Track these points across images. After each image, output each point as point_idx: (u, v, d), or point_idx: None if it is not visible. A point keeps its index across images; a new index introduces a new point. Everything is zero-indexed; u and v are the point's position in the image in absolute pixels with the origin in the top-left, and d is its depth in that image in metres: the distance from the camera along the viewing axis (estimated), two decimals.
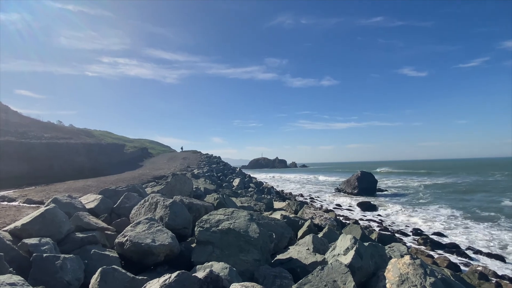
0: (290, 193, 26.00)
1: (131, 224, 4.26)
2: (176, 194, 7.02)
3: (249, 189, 16.80)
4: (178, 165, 24.47)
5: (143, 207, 5.29)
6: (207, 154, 41.76)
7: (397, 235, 11.52)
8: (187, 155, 39.32)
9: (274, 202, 11.77)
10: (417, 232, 11.90)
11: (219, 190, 11.61)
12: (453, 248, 9.86)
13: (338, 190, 26.61)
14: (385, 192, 25.92)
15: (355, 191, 24.73)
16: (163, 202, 5.06)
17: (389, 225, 13.38)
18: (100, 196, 6.11)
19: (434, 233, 11.70)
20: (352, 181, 25.69)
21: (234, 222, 4.42)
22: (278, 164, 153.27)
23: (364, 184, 24.93)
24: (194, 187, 8.79)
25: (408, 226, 13.11)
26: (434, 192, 24.73)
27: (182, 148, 56.98)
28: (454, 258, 9.02)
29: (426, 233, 11.91)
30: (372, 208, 17.70)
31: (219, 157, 39.70)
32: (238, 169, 30.75)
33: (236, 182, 17.95)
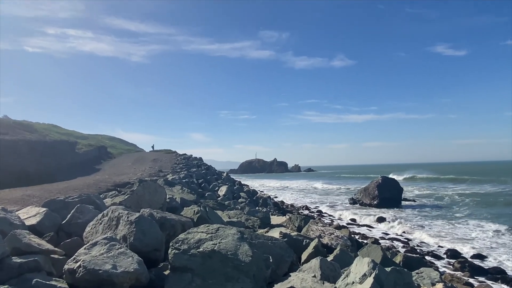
0: (292, 205, 26.40)
1: (85, 246, 4.25)
2: (144, 206, 7.01)
3: (240, 200, 16.86)
4: (147, 169, 24.33)
5: (100, 224, 5.28)
6: (185, 154, 41.91)
7: (427, 257, 11.70)
8: (158, 155, 39.17)
9: (272, 217, 11.96)
10: (452, 253, 12.13)
11: (201, 201, 11.63)
12: (498, 274, 10.02)
13: (353, 201, 27.09)
14: (413, 203, 26.54)
15: (375, 202, 25.17)
16: (127, 217, 5.05)
17: (418, 245, 13.61)
18: (44, 209, 6.04)
19: (474, 255, 11.92)
20: (371, 190, 26.11)
21: (219, 243, 4.46)
22: (277, 168, 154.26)
23: (386, 193, 25.37)
24: (167, 197, 8.66)
25: (442, 246, 13.36)
26: (474, 203, 25.34)
27: (152, 147, 56.79)
28: (498, 287, 9.18)
29: (464, 255, 12.12)
30: (397, 222, 18.15)
31: (201, 159, 39.89)
32: (225, 174, 31.07)
33: (222, 190, 17.86)
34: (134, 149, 55.00)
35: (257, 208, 14.77)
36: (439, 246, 13.44)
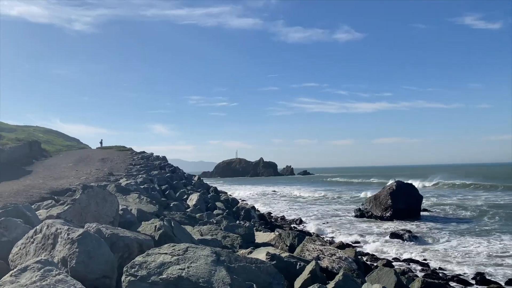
0: (283, 218, 26.58)
1: (12, 272, 4.15)
2: (89, 220, 7.03)
3: (215, 212, 16.88)
4: (94, 172, 24.21)
5: (32, 243, 5.21)
6: (144, 153, 41.81)
7: (451, 283, 11.82)
8: (109, 154, 39.04)
9: (257, 233, 12.13)
10: (482, 278, 12.26)
11: (164, 214, 11.74)
12: None
13: (360, 213, 27.28)
14: (434, 215, 26.97)
15: (387, 214, 25.43)
16: (68, 234, 4.98)
17: (440, 268, 13.80)
18: None
19: (510, 281, 12.06)
20: (382, 198, 26.31)
21: (188, 267, 4.44)
22: (264, 170, 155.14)
23: (402, 203, 25.68)
24: (120, 208, 8.71)
25: (470, 269, 13.54)
26: (507, 214, 25.80)
27: (101, 143, 56.26)
28: None
29: (497, 279, 12.22)
30: (415, 240, 18.45)
31: (165, 158, 40.02)
32: (196, 178, 31.12)
33: (192, 200, 18.00)
34: (76, 146, 54.21)
35: (237, 222, 14.77)
36: (466, 269, 13.64)
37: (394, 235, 19.24)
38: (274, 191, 55.68)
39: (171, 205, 15.23)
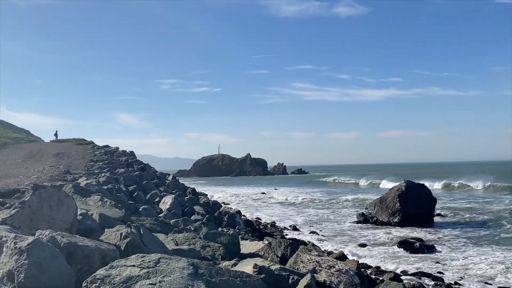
0: (273, 224, 26.77)
1: None
2: (42, 226, 6.95)
3: (193, 217, 16.91)
4: (47, 169, 24.02)
5: None
6: (108, 147, 41.70)
7: None
8: (65, 148, 38.88)
9: (242, 242, 12.21)
10: None
11: (132, 220, 11.75)
12: None
13: (364, 218, 27.50)
14: (449, 220, 27.24)
15: (395, 219, 25.68)
16: (15, 243, 4.94)
17: (456, 283, 13.88)
18: None
19: None
20: (389, 201, 26.48)
21: (161, 282, 4.44)
22: (251, 169, 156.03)
23: (412, 207, 25.86)
24: (79, 213, 8.75)
25: (490, 283, 13.66)
26: None
27: (56, 135, 55.73)
28: None
29: None
30: (427, 250, 18.54)
31: (133, 154, 39.58)
32: (170, 178, 31.13)
33: (166, 203, 17.99)
34: (26, 138, 53.63)
35: (220, 229, 14.95)
36: (486, 283, 13.68)
37: (403, 244, 19.30)
38: (264, 193, 56.06)
39: (140, 209, 15.19)
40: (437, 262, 16.56)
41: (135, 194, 19.29)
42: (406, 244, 19.00)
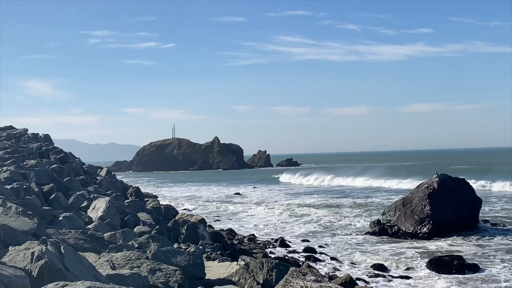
0: (252, 238, 24.59)
1: None
2: None
3: (137, 229, 15.56)
4: None
5: None
6: (12, 128, 38.44)
7: None
8: None
9: (208, 264, 11.98)
10: None
11: (48, 233, 11.04)
12: None
13: (380, 228, 25.18)
14: (500, 227, 25.35)
15: (424, 229, 23.32)
16: None
17: None
18: None
19: None
20: (416, 204, 24.22)
21: None
22: (221, 159, 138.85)
23: (448, 211, 23.66)
24: None
25: None
26: None
27: None
28: None
29: None
30: (469, 270, 17.18)
31: (49, 138, 35.89)
32: (104, 173, 28.86)
33: (98, 209, 16.37)
34: None
35: (176, 246, 13.93)
36: None
37: (434, 263, 17.75)
38: (239, 193, 51.92)
39: (61, 218, 13.92)
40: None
41: (53, 196, 17.42)
42: (439, 263, 17.43)
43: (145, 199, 24.78)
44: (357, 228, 27.18)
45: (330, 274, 17.07)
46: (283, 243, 23.15)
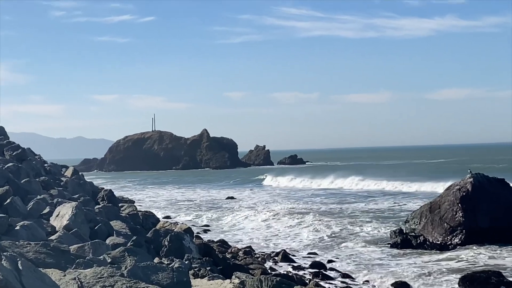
0: (249, 251, 23.14)
1: None
2: None
3: (110, 240, 15.15)
4: None
5: None
6: None
7: None
8: None
9: (196, 282, 11.57)
10: None
11: (2, 245, 10.04)
12: None
13: (403, 239, 23.52)
14: None
15: (456, 239, 22.17)
16: None
17: None
18: None
19: None
20: (446, 209, 23.06)
21: None
22: (211, 156, 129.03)
23: (485, 217, 22.21)
24: None
25: None
26: None
27: None
28: None
29: None
30: (508, 287, 16.15)
31: (2, 131, 33.76)
32: (69, 173, 28.26)
33: (63, 216, 15.68)
34: None
35: (157, 260, 13.68)
36: None
37: (468, 280, 16.80)
38: (232, 197, 49.30)
39: (18, 227, 13.36)
40: None
41: (8, 201, 16.45)
42: (474, 281, 16.47)
43: (120, 205, 24.26)
44: (375, 238, 25.49)
45: None
46: (285, 257, 21.95)
